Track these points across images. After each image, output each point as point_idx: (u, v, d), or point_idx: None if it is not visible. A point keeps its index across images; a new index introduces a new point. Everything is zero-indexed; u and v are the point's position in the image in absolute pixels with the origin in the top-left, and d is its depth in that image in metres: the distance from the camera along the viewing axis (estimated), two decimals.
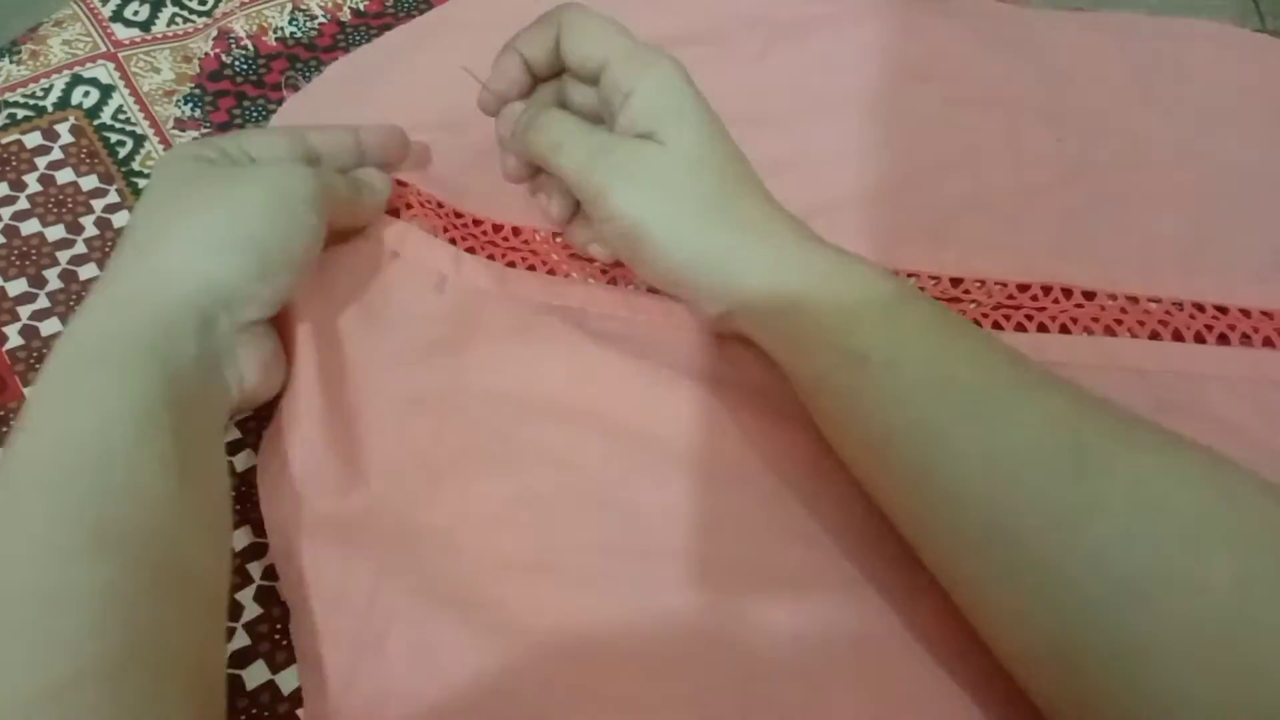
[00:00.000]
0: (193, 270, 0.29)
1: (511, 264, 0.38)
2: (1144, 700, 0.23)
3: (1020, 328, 0.37)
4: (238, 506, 0.32)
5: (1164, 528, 0.24)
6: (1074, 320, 0.37)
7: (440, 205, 0.39)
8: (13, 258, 0.38)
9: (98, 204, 0.40)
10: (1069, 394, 0.27)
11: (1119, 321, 0.37)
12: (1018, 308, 0.38)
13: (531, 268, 0.38)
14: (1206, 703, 0.22)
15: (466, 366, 0.34)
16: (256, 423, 0.34)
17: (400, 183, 0.39)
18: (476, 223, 0.39)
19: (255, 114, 0.43)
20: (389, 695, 0.28)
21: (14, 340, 0.36)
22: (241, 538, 0.32)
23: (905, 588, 0.31)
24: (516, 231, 0.39)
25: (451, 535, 0.31)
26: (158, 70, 0.44)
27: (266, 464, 0.33)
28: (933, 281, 0.38)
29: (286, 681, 0.30)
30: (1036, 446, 0.26)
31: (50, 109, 0.42)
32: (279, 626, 0.31)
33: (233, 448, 0.34)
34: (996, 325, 0.37)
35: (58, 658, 0.22)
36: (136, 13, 0.46)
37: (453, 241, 0.38)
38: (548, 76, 0.35)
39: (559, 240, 0.39)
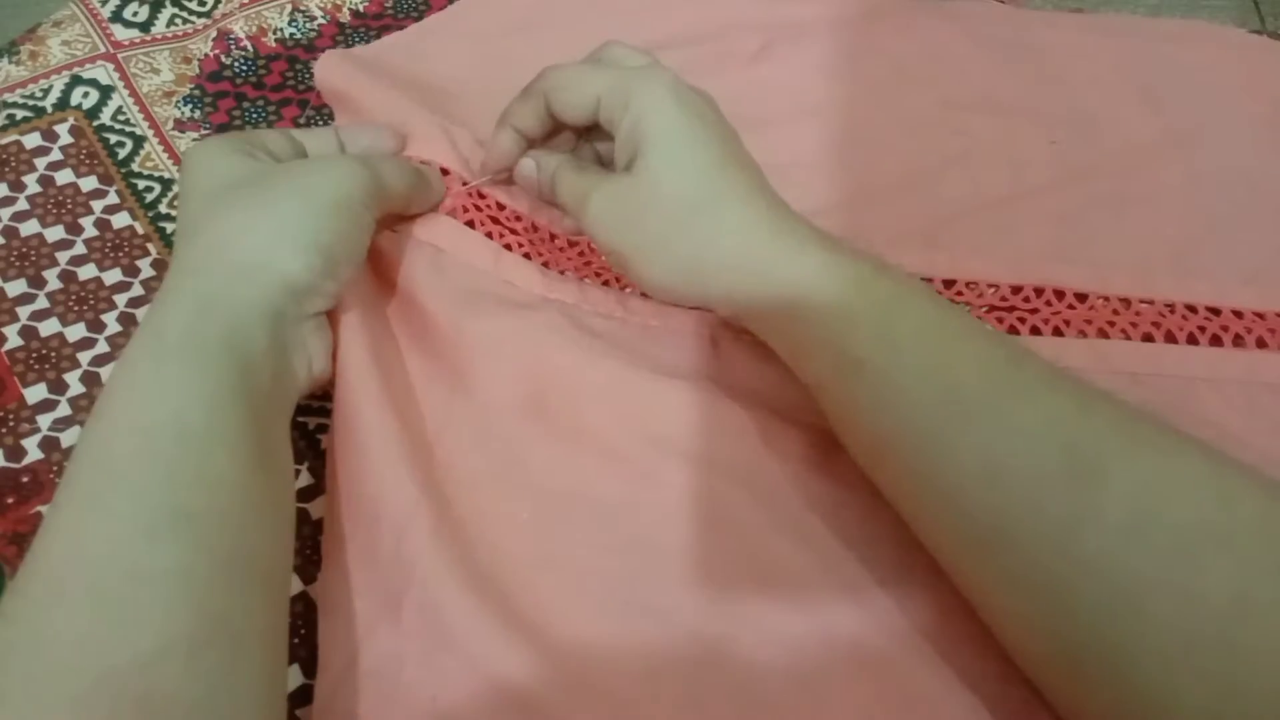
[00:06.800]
0: (272, 268, 0.30)
1: (527, 255, 0.38)
2: (1139, 702, 0.24)
3: (1013, 330, 0.37)
4: None
5: (1159, 536, 0.24)
6: (1066, 323, 0.37)
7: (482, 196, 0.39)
8: (12, 258, 0.38)
9: (97, 205, 0.40)
10: (1070, 395, 0.27)
11: (1111, 324, 0.37)
12: (1010, 310, 0.38)
13: (527, 255, 0.38)
14: (1199, 707, 0.23)
15: (469, 366, 0.35)
16: None
17: (444, 171, 0.38)
18: (518, 218, 0.39)
19: (255, 115, 0.44)
20: (404, 656, 0.28)
21: (13, 341, 0.36)
22: None
23: (904, 589, 0.31)
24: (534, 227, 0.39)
25: (460, 521, 0.31)
26: (157, 71, 0.44)
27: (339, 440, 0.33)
28: (925, 283, 0.38)
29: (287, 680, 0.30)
30: (1032, 454, 0.26)
31: (49, 110, 0.42)
32: None
33: None
34: None
35: (145, 632, 0.23)
36: (136, 14, 0.46)
37: (489, 235, 0.38)
38: (546, 137, 0.37)
39: (556, 241, 0.39)
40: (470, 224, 0.38)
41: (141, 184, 0.41)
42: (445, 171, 0.38)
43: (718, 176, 0.32)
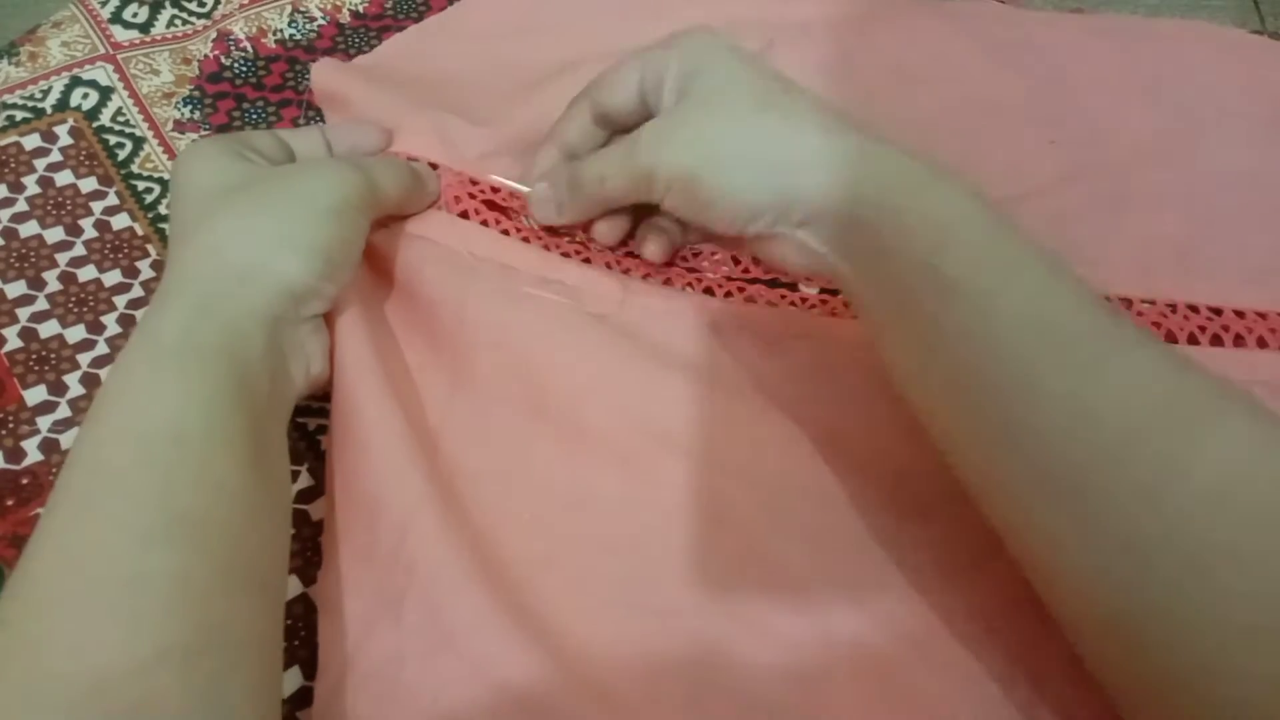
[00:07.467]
0: (270, 271, 0.29)
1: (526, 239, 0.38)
2: (1200, 671, 0.23)
3: None
4: None
5: (1245, 503, 0.23)
6: None
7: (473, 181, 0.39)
8: (11, 260, 0.38)
9: (96, 206, 0.40)
10: (1166, 352, 0.26)
11: None
12: None
13: (526, 239, 0.38)
14: (1266, 677, 0.22)
15: (470, 360, 0.35)
16: None
17: (433, 165, 0.38)
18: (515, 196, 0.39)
19: (254, 116, 0.44)
20: (404, 656, 0.28)
21: (13, 343, 0.36)
22: None
23: (904, 589, 0.31)
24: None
25: (464, 518, 0.31)
26: (157, 72, 0.44)
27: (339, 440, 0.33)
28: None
29: (287, 683, 0.30)
30: (1127, 406, 0.25)
31: (49, 111, 0.42)
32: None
33: None
34: None
35: (140, 639, 0.23)
36: (135, 15, 0.46)
37: (484, 223, 0.38)
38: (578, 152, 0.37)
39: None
40: (464, 214, 0.37)
41: (141, 185, 0.41)
42: (434, 166, 0.38)
43: (781, 85, 0.32)
